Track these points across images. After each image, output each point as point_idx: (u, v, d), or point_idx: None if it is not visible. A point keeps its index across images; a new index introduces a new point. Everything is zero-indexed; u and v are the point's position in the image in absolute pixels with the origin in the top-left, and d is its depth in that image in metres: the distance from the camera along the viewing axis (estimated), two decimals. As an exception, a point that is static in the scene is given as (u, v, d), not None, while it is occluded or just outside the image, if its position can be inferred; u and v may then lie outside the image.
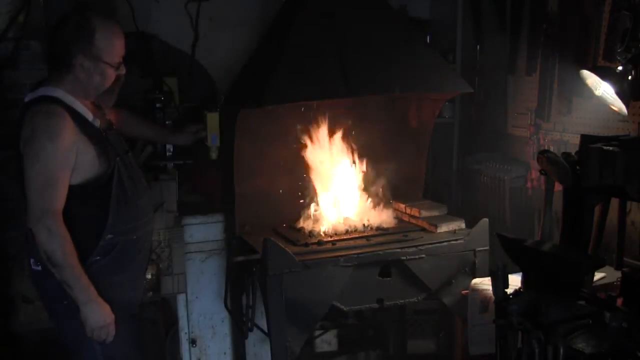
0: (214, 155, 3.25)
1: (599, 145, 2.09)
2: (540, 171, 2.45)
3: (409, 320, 3.93)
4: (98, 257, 2.52)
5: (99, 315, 2.46)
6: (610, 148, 2.04)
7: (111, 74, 2.55)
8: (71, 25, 2.47)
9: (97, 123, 2.56)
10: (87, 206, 2.50)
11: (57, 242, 2.36)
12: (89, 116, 2.53)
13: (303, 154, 3.41)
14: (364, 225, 3.27)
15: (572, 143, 3.06)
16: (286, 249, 2.90)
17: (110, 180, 2.52)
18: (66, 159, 2.41)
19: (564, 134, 3.17)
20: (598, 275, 2.56)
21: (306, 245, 3.07)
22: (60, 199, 2.39)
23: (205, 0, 3.64)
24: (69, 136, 2.41)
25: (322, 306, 2.98)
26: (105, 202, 2.52)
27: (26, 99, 2.50)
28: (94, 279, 2.47)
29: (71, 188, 2.43)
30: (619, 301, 2.09)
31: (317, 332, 3.90)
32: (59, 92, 2.46)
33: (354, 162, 3.42)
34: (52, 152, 2.37)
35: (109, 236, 2.53)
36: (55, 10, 3.14)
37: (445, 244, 3.11)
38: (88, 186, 2.48)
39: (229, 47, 3.67)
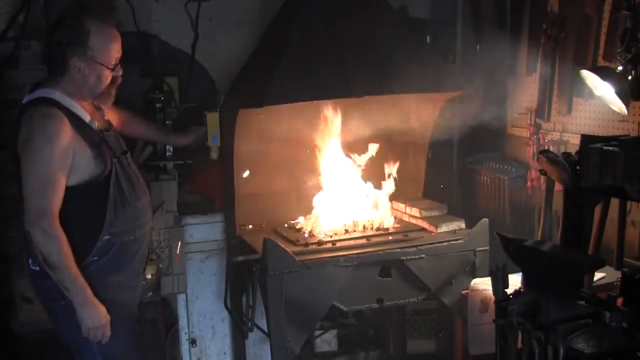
0: (214, 155, 3.25)
1: (599, 145, 2.08)
2: (540, 171, 2.44)
3: (409, 320, 3.92)
4: (96, 258, 2.52)
5: (95, 316, 2.46)
6: (610, 148, 2.04)
7: (107, 76, 2.54)
8: (66, 26, 2.46)
9: (95, 124, 2.55)
10: (84, 207, 2.50)
11: (53, 244, 2.36)
12: (86, 118, 2.53)
13: (303, 153, 3.40)
14: (364, 225, 3.27)
15: (572, 143, 3.06)
16: (286, 249, 2.90)
17: (108, 181, 2.52)
18: (63, 160, 2.40)
19: (564, 134, 3.17)
20: (598, 275, 2.56)
21: (306, 245, 3.07)
22: (56, 200, 2.39)
23: (205, 0, 3.64)
24: (65, 138, 2.41)
25: (322, 306, 2.98)
26: (102, 203, 2.52)
27: (24, 101, 2.50)
28: (91, 280, 2.47)
29: (68, 189, 2.43)
30: (619, 301, 2.09)
31: (317, 332, 3.90)
32: (56, 94, 2.46)
33: (353, 161, 3.42)
34: (49, 153, 2.37)
35: (106, 237, 2.53)
36: (55, 10, 3.14)
37: (445, 244, 3.11)
38: (85, 187, 2.48)
39: (229, 47, 3.67)
